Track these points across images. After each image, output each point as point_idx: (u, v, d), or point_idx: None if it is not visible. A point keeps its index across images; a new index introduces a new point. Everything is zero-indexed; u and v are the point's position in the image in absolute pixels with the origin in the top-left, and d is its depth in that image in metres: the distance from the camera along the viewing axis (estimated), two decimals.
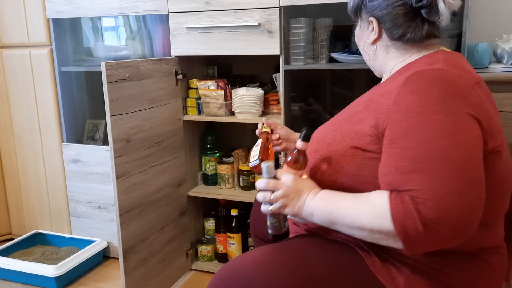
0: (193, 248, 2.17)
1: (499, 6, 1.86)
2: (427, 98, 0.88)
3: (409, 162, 0.86)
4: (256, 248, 1.02)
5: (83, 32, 2.32)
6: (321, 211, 0.96)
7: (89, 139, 2.34)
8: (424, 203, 0.82)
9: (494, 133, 0.92)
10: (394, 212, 0.85)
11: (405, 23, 1.02)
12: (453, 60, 1.00)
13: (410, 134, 0.87)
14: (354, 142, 0.98)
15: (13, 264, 2.05)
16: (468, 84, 0.92)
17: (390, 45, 1.07)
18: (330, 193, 0.99)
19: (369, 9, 1.06)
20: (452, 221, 0.81)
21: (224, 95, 1.93)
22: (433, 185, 0.83)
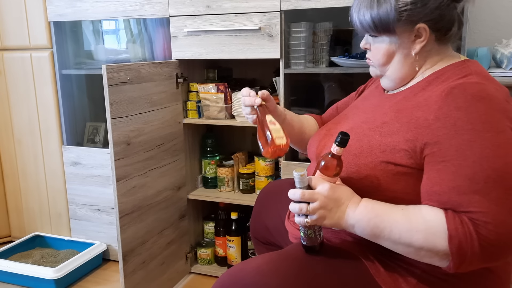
0: (193, 251, 2.17)
1: (499, 11, 1.87)
2: (476, 115, 0.86)
3: (466, 182, 0.85)
4: (258, 256, 1.01)
5: (84, 35, 2.33)
6: (366, 224, 0.92)
7: (89, 142, 2.35)
8: (484, 225, 0.81)
9: None
10: (452, 233, 0.83)
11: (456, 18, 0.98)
12: (484, 72, 0.98)
13: (464, 152, 0.86)
14: (385, 155, 0.95)
15: (13, 267, 2.05)
16: (504, 97, 0.92)
17: (432, 50, 1.01)
18: (375, 204, 0.94)
19: (415, 17, 0.96)
20: (509, 244, 0.82)
21: (225, 99, 1.93)
22: (492, 207, 0.82)
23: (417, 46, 1.00)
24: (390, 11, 0.96)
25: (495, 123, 0.86)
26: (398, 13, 0.96)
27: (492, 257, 0.83)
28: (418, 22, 0.97)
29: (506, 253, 0.83)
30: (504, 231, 0.81)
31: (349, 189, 0.96)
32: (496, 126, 0.86)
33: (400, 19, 0.97)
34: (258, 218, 1.46)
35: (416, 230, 0.87)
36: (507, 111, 0.89)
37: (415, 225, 0.87)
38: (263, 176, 1.99)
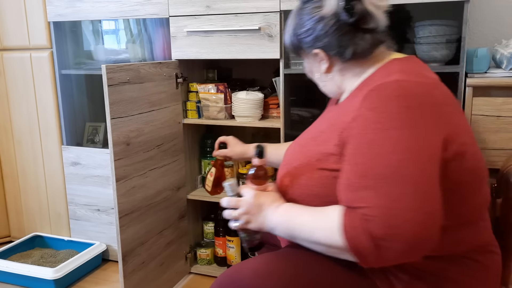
0: (192, 251, 2.17)
1: (498, 12, 1.87)
2: (385, 114, 0.88)
3: (359, 179, 0.87)
4: (256, 257, 1.01)
5: (84, 35, 2.33)
6: (282, 226, 0.99)
7: (89, 142, 2.35)
8: (373, 220, 0.83)
9: (456, 134, 0.92)
10: (346, 229, 0.86)
11: (349, 41, 1.02)
12: (408, 67, 1.00)
13: (363, 150, 0.88)
14: (320, 163, 0.99)
15: (12, 267, 2.05)
16: (427, 90, 0.93)
17: (344, 67, 1.06)
18: (291, 207, 1.01)
19: (309, 43, 1.06)
20: (404, 237, 0.81)
21: (224, 99, 1.93)
22: (381, 202, 0.83)
23: (322, 67, 1.08)
24: (293, 38, 1.10)
25: (403, 120, 0.87)
26: (298, 39, 1.09)
27: (394, 253, 0.83)
28: (313, 48, 1.06)
29: (410, 247, 0.82)
30: (392, 225, 0.81)
31: (273, 195, 1.05)
32: (404, 122, 0.87)
33: (300, 45, 1.09)
34: None
35: (319, 229, 0.92)
36: (427, 105, 0.90)
37: (318, 224, 0.92)
38: None
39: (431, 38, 1.60)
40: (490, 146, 1.53)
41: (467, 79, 1.53)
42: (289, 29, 1.11)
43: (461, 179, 0.93)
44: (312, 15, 1.04)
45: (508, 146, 1.51)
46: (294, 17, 1.10)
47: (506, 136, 1.51)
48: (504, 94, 1.49)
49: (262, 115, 1.95)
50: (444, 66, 1.63)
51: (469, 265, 0.98)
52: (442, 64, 1.64)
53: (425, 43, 1.62)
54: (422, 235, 0.82)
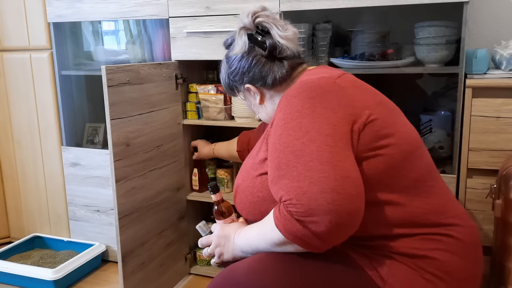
0: (192, 252, 2.17)
1: (498, 13, 1.87)
2: (289, 110, 0.99)
3: (275, 172, 0.95)
4: (249, 257, 1.04)
5: (84, 36, 2.33)
6: (245, 246, 1.06)
7: (89, 143, 2.35)
8: (291, 202, 0.88)
9: (363, 107, 0.99)
10: (276, 222, 0.92)
11: (269, 71, 1.17)
12: (313, 71, 1.13)
13: (275, 146, 0.97)
14: (257, 171, 1.07)
15: (12, 268, 2.05)
16: (329, 80, 1.02)
17: (272, 93, 1.20)
18: (245, 229, 1.09)
19: (240, 81, 1.22)
20: (323, 208, 0.85)
21: (224, 100, 1.93)
22: (294, 184, 0.89)
23: (256, 99, 1.22)
24: (226, 79, 1.26)
25: (305, 109, 0.97)
26: (229, 79, 1.25)
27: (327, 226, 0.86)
28: (243, 84, 1.22)
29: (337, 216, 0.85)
30: (307, 200, 0.86)
31: (238, 224, 1.16)
32: (305, 111, 0.96)
33: (233, 84, 1.25)
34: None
35: (266, 234, 0.97)
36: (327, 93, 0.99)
37: (265, 230, 0.98)
38: None
39: (430, 39, 1.60)
40: (490, 147, 1.53)
41: (467, 80, 1.53)
42: (222, 73, 1.28)
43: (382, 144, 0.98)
44: (235, 55, 1.20)
45: (508, 147, 1.51)
46: (224, 62, 1.27)
47: (505, 137, 1.51)
48: (503, 95, 1.49)
49: None
50: (443, 67, 1.63)
51: (443, 241, 1.01)
52: (442, 65, 1.64)
53: (425, 44, 1.62)
54: (339, 200, 0.85)
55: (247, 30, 1.18)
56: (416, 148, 1.06)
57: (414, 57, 1.69)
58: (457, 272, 0.99)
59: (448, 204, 1.06)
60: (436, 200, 1.04)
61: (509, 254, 1.32)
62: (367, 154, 0.97)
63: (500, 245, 1.37)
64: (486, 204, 1.55)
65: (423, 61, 1.66)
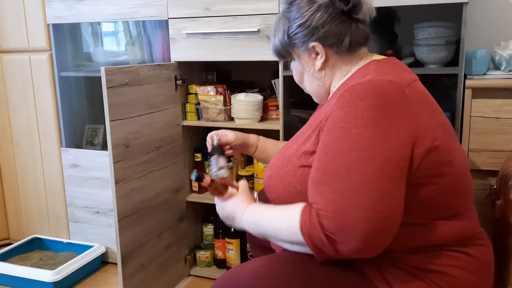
0: (192, 253, 2.16)
1: (497, 14, 1.87)
2: (353, 113, 0.91)
3: (319, 174, 0.92)
4: (254, 259, 1.02)
5: (83, 37, 2.33)
6: (252, 229, 1.05)
7: (88, 144, 2.35)
8: (326, 216, 0.87)
9: (427, 130, 0.93)
10: (302, 225, 0.91)
11: (347, 30, 1.05)
12: (384, 67, 1.02)
13: (327, 147, 0.92)
14: (301, 161, 1.02)
15: (11, 269, 2.05)
16: (398, 88, 0.93)
17: (337, 62, 1.09)
18: (255, 211, 1.06)
19: (305, 38, 1.07)
20: (354, 233, 0.84)
21: (223, 101, 1.93)
22: (335, 198, 0.87)
23: (318, 63, 1.09)
24: (284, 38, 1.10)
25: (369, 119, 0.89)
26: (290, 38, 1.09)
27: (349, 247, 0.86)
28: (310, 42, 1.06)
29: (363, 243, 0.85)
30: (343, 220, 0.85)
31: (235, 202, 1.12)
32: (368, 122, 0.89)
33: (292, 43, 1.10)
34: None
35: (281, 229, 0.96)
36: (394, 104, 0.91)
37: (280, 224, 0.97)
38: (262, 178, 1.99)
39: (430, 40, 1.60)
40: (489, 147, 1.53)
41: (466, 80, 1.53)
42: (278, 31, 1.12)
43: (439, 172, 0.95)
44: (309, 6, 1.05)
45: (507, 147, 1.51)
46: (282, 18, 1.12)
47: (505, 138, 1.51)
48: (503, 95, 1.49)
49: (261, 117, 1.95)
50: (443, 68, 1.63)
51: (460, 258, 0.99)
52: (441, 66, 1.64)
53: (424, 45, 1.62)
54: (373, 232, 0.85)
55: None
56: (466, 175, 1.03)
57: (414, 58, 1.69)
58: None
59: (475, 227, 1.05)
60: (467, 225, 1.02)
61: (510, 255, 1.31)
62: (421, 181, 0.93)
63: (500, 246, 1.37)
64: (486, 205, 1.55)
65: (423, 62, 1.66)
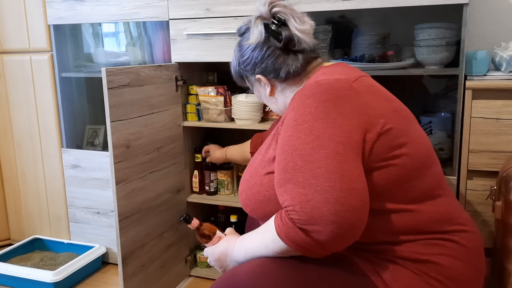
0: (192, 254, 2.16)
1: (498, 15, 1.87)
2: (302, 111, 0.96)
3: (282, 174, 0.93)
4: (251, 260, 1.03)
5: (84, 38, 2.33)
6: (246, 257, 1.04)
7: (89, 145, 2.35)
8: (293, 209, 0.88)
9: (377, 116, 0.97)
10: (277, 230, 0.91)
11: (283, 63, 1.13)
12: (330, 69, 1.09)
13: (284, 147, 0.95)
14: (265, 169, 1.05)
15: (12, 270, 2.05)
16: (345, 84, 0.99)
17: (284, 87, 1.17)
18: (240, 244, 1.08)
19: (251, 71, 1.18)
20: (325, 218, 0.84)
21: (224, 102, 1.93)
22: (299, 190, 0.88)
23: (267, 90, 1.19)
24: (237, 67, 1.23)
25: (318, 113, 0.94)
26: (240, 68, 1.22)
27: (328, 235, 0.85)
28: (255, 75, 1.18)
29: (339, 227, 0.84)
30: (311, 208, 0.85)
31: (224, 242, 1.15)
32: (318, 115, 0.93)
33: (244, 73, 1.22)
34: (252, 223, 1.47)
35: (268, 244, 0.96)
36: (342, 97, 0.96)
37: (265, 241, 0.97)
38: None
39: (430, 41, 1.60)
40: (490, 148, 1.53)
41: (467, 81, 1.53)
42: (233, 60, 1.24)
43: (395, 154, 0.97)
44: (247, 46, 1.16)
45: (508, 148, 1.51)
46: (236, 49, 1.23)
47: (505, 139, 1.51)
48: (503, 96, 1.49)
49: (262, 118, 1.95)
50: (443, 69, 1.64)
51: (446, 246, 1.00)
52: (442, 66, 1.64)
53: (425, 46, 1.62)
54: (343, 211, 0.85)
55: (263, 20, 1.13)
56: (428, 157, 1.05)
57: (414, 59, 1.69)
58: (460, 277, 0.99)
59: (454, 210, 1.06)
60: (442, 208, 1.03)
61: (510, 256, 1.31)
62: (378, 164, 0.96)
63: (500, 247, 1.37)
64: (486, 205, 1.55)
65: (423, 63, 1.66)
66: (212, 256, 1.16)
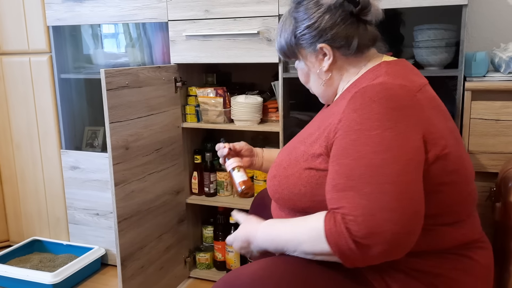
0: (191, 255, 2.16)
1: (497, 16, 1.87)
2: (368, 115, 0.90)
3: (343, 179, 0.88)
4: (253, 262, 1.02)
5: (83, 39, 2.33)
6: (269, 247, 1.01)
7: (88, 146, 2.34)
8: (354, 220, 0.84)
9: (438, 137, 0.93)
10: (327, 234, 0.87)
11: (355, 32, 1.04)
12: (395, 70, 1.02)
13: (347, 151, 0.90)
14: (307, 163, 1.01)
15: (11, 271, 2.04)
16: (409, 93, 0.94)
17: (344, 64, 1.08)
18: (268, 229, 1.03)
19: (313, 39, 1.06)
20: (384, 236, 0.82)
21: (223, 103, 1.93)
22: (363, 202, 0.84)
23: (325, 64, 1.08)
24: (290, 38, 1.09)
25: (385, 121, 0.88)
26: (297, 38, 1.08)
27: (377, 252, 0.83)
28: (317, 43, 1.06)
29: (390, 246, 0.83)
30: (373, 224, 0.82)
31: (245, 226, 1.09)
32: (384, 124, 0.88)
33: (299, 43, 1.09)
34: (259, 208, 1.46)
35: (303, 241, 0.92)
36: (409, 108, 0.91)
37: (301, 237, 0.93)
38: (262, 180, 1.99)
39: (429, 42, 1.60)
40: (489, 150, 1.53)
41: (466, 83, 1.53)
42: (284, 31, 1.11)
43: (445, 181, 0.94)
44: (317, 8, 1.04)
45: (507, 150, 1.51)
46: (289, 18, 1.10)
47: (505, 140, 1.51)
48: (502, 97, 1.49)
49: (261, 119, 1.95)
50: (442, 70, 1.63)
51: (462, 262, 0.99)
52: (441, 68, 1.64)
53: (424, 47, 1.62)
54: (402, 234, 0.83)
55: None
56: (472, 182, 1.02)
57: (414, 60, 1.69)
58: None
59: (476, 230, 1.05)
60: (469, 231, 1.02)
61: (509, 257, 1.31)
62: (428, 188, 0.91)
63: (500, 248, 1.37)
64: (486, 207, 1.55)
65: (423, 64, 1.66)
66: (236, 244, 1.10)
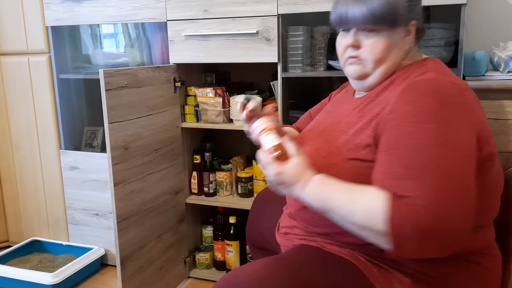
0: (191, 255, 2.16)
1: (496, 14, 1.87)
2: (422, 109, 0.89)
3: (402, 168, 0.86)
4: (254, 261, 1.01)
5: (82, 40, 2.33)
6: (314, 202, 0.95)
7: (87, 146, 2.34)
8: (422, 211, 0.81)
9: (488, 138, 0.93)
10: (392, 216, 0.83)
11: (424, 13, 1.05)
12: (441, 67, 1.03)
13: (404, 142, 0.88)
14: (352, 153, 0.98)
15: (10, 272, 2.04)
16: (460, 92, 0.93)
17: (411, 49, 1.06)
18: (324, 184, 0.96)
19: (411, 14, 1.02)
20: (447, 230, 0.81)
21: (222, 103, 1.93)
22: (430, 192, 0.82)
23: (407, 43, 1.04)
24: (400, 3, 1.00)
25: (440, 116, 0.88)
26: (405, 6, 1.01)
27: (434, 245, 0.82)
28: (412, 19, 1.02)
29: (448, 241, 0.82)
30: (441, 216, 0.81)
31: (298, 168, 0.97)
32: (440, 118, 0.88)
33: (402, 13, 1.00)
34: (253, 224, 1.46)
35: (359, 211, 0.88)
36: (462, 105, 0.91)
37: (357, 206, 0.89)
38: (261, 180, 1.98)
39: (428, 41, 1.60)
40: None
41: None
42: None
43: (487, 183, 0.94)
44: None
45: (507, 149, 1.51)
46: None
47: (504, 139, 1.51)
48: (502, 97, 1.49)
49: None
50: None
51: (472, 268, 0.98)
52: None
53: (423, 46, 1.62)
54: (461, 229, 0.82)
55: None
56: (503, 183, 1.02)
57: None
58: None
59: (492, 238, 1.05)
60: (490, 237, 1.02)
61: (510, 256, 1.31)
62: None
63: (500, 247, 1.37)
64: None
65: None
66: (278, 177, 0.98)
